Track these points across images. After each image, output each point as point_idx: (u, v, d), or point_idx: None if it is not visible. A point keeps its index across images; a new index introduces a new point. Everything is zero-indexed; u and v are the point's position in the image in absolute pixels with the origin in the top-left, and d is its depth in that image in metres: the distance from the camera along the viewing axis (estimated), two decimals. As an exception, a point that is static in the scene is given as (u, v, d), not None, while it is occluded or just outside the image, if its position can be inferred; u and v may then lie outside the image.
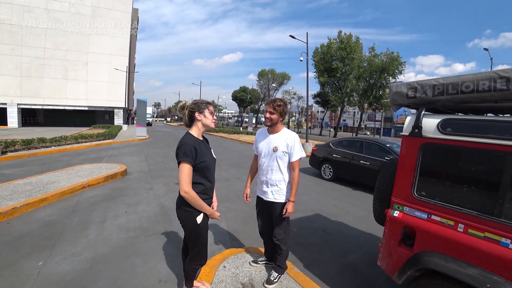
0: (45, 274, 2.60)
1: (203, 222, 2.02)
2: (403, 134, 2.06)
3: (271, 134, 2.52)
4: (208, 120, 2.04)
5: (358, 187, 7.01)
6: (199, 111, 2.01)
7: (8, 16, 27.14)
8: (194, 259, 2.12)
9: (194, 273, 2.20)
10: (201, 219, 1.99)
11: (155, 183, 6.37)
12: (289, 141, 2.41)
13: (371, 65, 26.73)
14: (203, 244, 2.10)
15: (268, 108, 2.45)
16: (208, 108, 2.04)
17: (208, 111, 2.03)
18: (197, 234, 2.03)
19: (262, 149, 2.52)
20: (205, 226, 2.07)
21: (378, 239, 3.79)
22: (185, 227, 2.05)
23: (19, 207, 4.08)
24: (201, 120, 2.03)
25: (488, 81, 1.66)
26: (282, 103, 2.45)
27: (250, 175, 2.80)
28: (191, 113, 2.03)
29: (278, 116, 2.41)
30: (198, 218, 1.98)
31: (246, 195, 2.75)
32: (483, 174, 1.75)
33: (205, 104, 2.04)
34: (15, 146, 9.65)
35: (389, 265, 2.09)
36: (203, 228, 2.03)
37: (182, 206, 1.98)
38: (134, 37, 42.97)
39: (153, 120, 68.96)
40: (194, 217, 1.97)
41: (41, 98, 29.19)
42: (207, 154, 2.01)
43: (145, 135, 19.01)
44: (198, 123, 2.04)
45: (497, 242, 1.55)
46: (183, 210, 1.98)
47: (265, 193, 2.52)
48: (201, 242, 2.07)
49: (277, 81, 49.77)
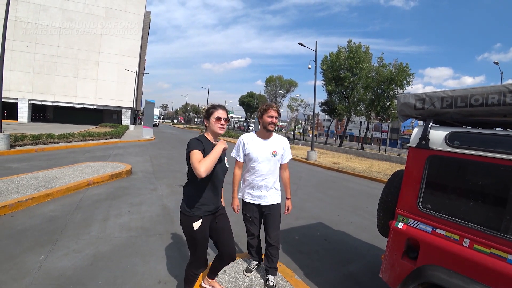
0: (46, 269, 2.61)
1: (200, 228, 1.95)
2: (410, 146, 2.04)
3: (266, 139, 2.53)
4: (214, 126, 1.98)
5: (362, 196, 6.94)
6: (206, 117, 2.02)
7: (24, 14, 27.88)
8: (193, 265, 2.08)
9: (194, 278, 2.14)
10: (198, 225, 1.93)
11: (159, 184, 6.40)
12: (285, 144, 2.57)
13: (379, 75, 26.65)
14: (202, 250, 2.03)
15: (274, 113, 2.45)
16: (213, 114, 1.98)
17: (213, 117, 1.98)
18: (193, 239, 1.98)
19: (259, 154, 2.47)
20: (203, 232, 1.99)
21: (380, 250, 3.74)
22: (183, 230, 2.01)
23: (24, 201, 4.13)
24: (208, 126, 2.02)
25: (497, 95, 1.64)
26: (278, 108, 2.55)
27: (237, 185, 2.64)
28: (203, 119, 2.07)
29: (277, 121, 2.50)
30: (195, 224, 1.92)
31: (237, 206, 2.62)
32: (490, 189, 1.72)
33: (211, 110, 2.00)
34: (24, 140, 9.83)
35: (391, 277, 2.06)
36: (199, 234, 1.96)
37: (182, 210, 1.98)
38: (145, 39, 43.65)
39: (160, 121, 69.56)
40: (191, 222, 1.93)
41: (51, 95, 29.76)
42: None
43: (151, 136, 19.16)
44: (208, 129, 2.03)
45: (503, 259, 1.52)
46: (182, 214, 1.97)
47: (263, 197, 2.51)
48: (199, 248, 2.01)
49: (284, 88, 49.94)
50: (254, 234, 2.66)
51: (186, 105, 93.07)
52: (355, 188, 8.36)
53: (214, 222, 2.10)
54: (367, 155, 19.99)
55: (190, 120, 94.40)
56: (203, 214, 1.96)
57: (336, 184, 8.72)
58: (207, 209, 1.99)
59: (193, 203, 1.95)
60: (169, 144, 16.75)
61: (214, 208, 2.04)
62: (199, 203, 1.95)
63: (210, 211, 2.01)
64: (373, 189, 8.33)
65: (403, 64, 25.56)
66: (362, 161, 16.14)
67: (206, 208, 1.98)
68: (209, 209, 2.00)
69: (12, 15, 26.09)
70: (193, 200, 1.95)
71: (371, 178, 10.35)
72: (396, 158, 17.54)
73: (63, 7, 29.37)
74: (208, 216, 2.01)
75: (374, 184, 9.29)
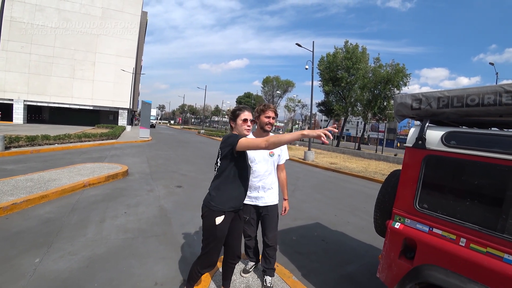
0: (41, 271, 2.58)
1: (222, 224, 1.95)
2: (407, 146, 2.05)
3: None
4: (241, 128, 2.03)
5: (359, 196, 6.96)
6: (232, 119, 2.07)
7: (20, 14, 27.64)
8: (200, 261, 2.05)
9: (197, 277, 2.11)
10: (220, 220, 1.93)
11: (155, 185, 6.37)
12: None
13: (376, 75, 26.78)
14: (215, 247, 2.01)
15: (271, 114, 2.44)
16: (239, 116, 2.03)
17: (240, 119, 2.03)
18: (210, 235, 1.97)
19: (256, 155, 2.46)
20: (223, 228, 1.98)
21: (377, 251, 3.75)
22: (203, 224, 2.01)
23: (19, 203, 4.09)
24: (235, 128, 2.06)
25: (493, 95, 1.65)
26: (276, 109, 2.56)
27: None
28: (229, 120, 2.11)
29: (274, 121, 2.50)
30: (218, 219, 1.93)
31: None
32: (486, 188, 1.73)
33: (238, 112, 2.05)
34: (19, 142, 9.72)
35: (389, 277, 2.06)
36: (219, 231, 1.96)
37: (206, 203, 2.00)
38: (141, 39, 43.50)
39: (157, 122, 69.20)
40: (214, 216, 1.93)
41: (47, 95, 29.50)
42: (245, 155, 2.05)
43: (148, 136, 19.08)
44: (235, 130, 2.08)
45: (499, 258, 1.53)
46: (206, 207, 1.99)
47: (261, 198, 2.50)
48: (214, 244, 2.00)
49: (281, 88, 50.07)
50: (251, 236, 2.65)
51: (183, 106, 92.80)
52: (352, 188, 8.38)
53: (231, 223, 2.07)
54: (364, 155, 20.06)
55: (187, 120, 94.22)
56: (228, 209, 1.97)
57: (333, 185, 8.74)
58: (232, 205, 1.99)
59: (220, 197, 1.96)
60: (166, 145, 16.69)
61: (239, 205, 2.06)
62: (226, 198, 1.96)
63: (234, 208, 2.01)
64: (371, 189, 8.35)
65: (399, 64, 25.71)
66: (359, 161, 16.20)
67: (232, 204, 1.99)
68: (234, 205, 2.00)
69: (8, 15, 25.81)
70: (220, 194, 1.97)
71: (368, 178, 10.39)
72: (393, 158, 17.62)
73: (59, 7, 29.15)
74: (231, 213, 2.01)
75: (371, 184, 9.32)
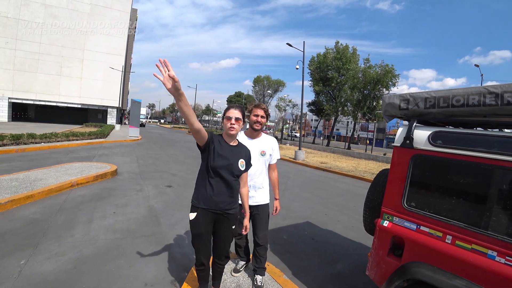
0: (27, 274, 2.52)
1: (195, 221, 1.93)
2: (395, 145, 2.08)
3: (254, 138, 2.53)
4: (224, 126, 2.00)
5: (349, 195, 7.04)
6: (222, 118, 2.07)
7: (4, 9, 26.76)
8: (196, 259, 2.08)
9: (198, 276, 2.14)
10: (192, 217, 1.94)
11: (145, 184, 6.29)
12: (273, 144, 2.59)
13: (365, 76, 27.09)
14: (197, 246, 2.00)
15: (260, 112, 2.45)
16: (225, 113, 2.00)
17: (225, 118, 1.99)
18: (191, 231, 1.99)
19: None
20: (198, 227, 1.94)
21: (367, 249, 3.80)
22: None
23: (3, 203, 3.97)
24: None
25: (478, 96, 1.70)
26: (267, 108, 2.54)
27: None
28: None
29: (265, 120, 2.49)
30: (190, 215, 1.96)
31: None
32: (471, 187, 1.78)
33: (225, 110, 2.03)
34: (4, 140, 9.43)
35: (377, 275, 2.09)
36: (193, 228, 1.95)
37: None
38: (131, 37, 42.86)
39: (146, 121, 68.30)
40: (190, 212, 1.97)
41: (33, 93, 28.69)
42: (222, 154, 1.92)
43: (138, 135, 18.83)
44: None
45: (483, 254, 1.57)
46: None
47: (252, 197, 2.49)
48: (195, 242, 2.00)
49: (272, 88, 50.08)
50: (241, 234, 2.64)
51: (173, 105, 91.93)
52: (342, 188, 8.47)
53: (216, 224, 2.02)
54: (354, 155, 20.31)
55: (177, 119, 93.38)
56: (201, 207, 1.93)
57: (323, 184, 8.82)
58: (208, 205, 1.92)
59: (196, 193, 2.00)
60: (156, 144, 16.49)
61: (213, 206, 1.93)
62: (198, 195, 1.97)
63: (208, 208, 1.93)
64: (360, 188, 8.47)
65: (389, 65, 26.08)
66: (349, 161, 16.39)
67: (208, 203, 1.92)
68: (209, 206, 1.93)
69: (-9, 10, 25.09)
70: (196, 191, 2.00)
71: (358, 177, 10.52)
72: (382, 158, 17.89)
73: (45, 2, 28.34)
74: (207, 212, 1.94)
75: (361, 183, 9.45)
